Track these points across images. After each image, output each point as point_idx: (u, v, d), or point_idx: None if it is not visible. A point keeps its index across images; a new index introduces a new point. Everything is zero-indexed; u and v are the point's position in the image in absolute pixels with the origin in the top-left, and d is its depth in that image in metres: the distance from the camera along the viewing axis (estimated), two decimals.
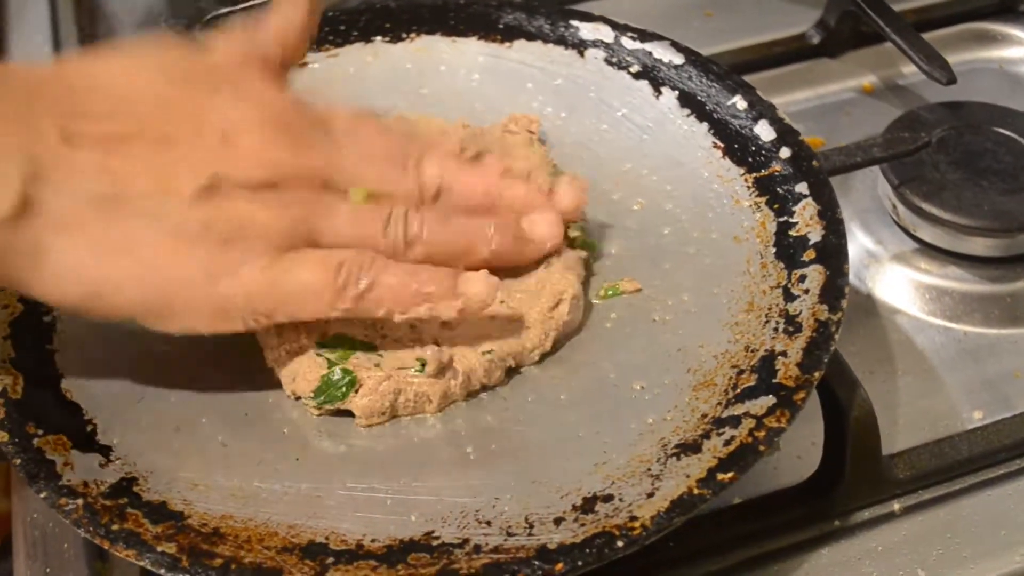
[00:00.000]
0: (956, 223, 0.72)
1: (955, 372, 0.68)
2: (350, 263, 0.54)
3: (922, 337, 0.70)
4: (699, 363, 0.58)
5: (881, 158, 0.71)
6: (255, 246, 0.53)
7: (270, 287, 0.53)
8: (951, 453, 0.62)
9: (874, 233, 0.76)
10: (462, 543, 0.51)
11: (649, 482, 0.52)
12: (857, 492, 0.60)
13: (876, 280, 0.73)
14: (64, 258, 0.51)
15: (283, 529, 0.52)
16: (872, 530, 0.60)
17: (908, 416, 0.66)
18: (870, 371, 0.67)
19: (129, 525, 0.51)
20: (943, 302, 0.72)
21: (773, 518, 0.60)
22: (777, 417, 0.53)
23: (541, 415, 0.57)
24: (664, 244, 0.64)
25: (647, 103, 0.71)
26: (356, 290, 0.54)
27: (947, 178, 0.74)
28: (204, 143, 0.54)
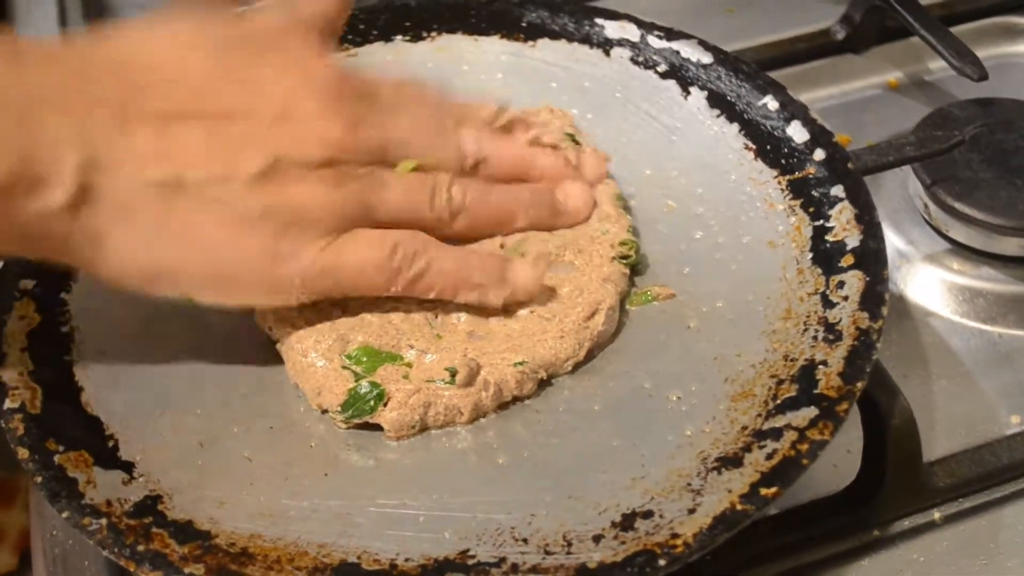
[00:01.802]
0: (990, 223, 0.71)
1: (991, 375, 0.67)
2: (405, 246, 0.55)
3: (956, 340, 0.69)
4: (737, 372, 0.56)
5: (914, 157, 0.69)
6: (313, 228, 0.53)
7: (327, 268, 0.54)
8: (991, 460, 0.61)
9: (905, 233, 0.74)
10: (499, 562, 0.49)
11: (690, 497, 0.51)
12: (897, 501, 0.58)
13: (908, 281, 0.72)
14: (125, 244, 0.51)
15: (313, 548, 0.50)
16: (913, 540, 0.59)
17: (944, 421, 0.64)
18: (904, 375, 0.66)
19: (155, 545, 0.50)
20: (977, 304, 0.71)
21: (811, 529, 0.58)
22: (820, 429, 0.51)
23: (575, 427, 0.55)
24: (696, 249, 0.63)
25: (675, 103, 0.69)
26: (409, 273, 0.55)
27: (980, 177, 0.73)
28: (259, 119, 0.53)
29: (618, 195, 0.64)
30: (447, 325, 0.58)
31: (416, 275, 0.55)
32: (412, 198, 0.56)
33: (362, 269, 0.54)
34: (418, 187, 0.57)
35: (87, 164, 0.50)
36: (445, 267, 0.56)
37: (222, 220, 0.52)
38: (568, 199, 0.61)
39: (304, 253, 0.53)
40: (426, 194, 0.57)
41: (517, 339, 0.57)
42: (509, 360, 0.56)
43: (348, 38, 0.74)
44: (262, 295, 0.54)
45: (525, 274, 0.57)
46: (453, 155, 0.58)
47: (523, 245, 0.60)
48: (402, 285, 0.55)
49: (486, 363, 0.56)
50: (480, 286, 0.56)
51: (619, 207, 0.63)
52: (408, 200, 0.56)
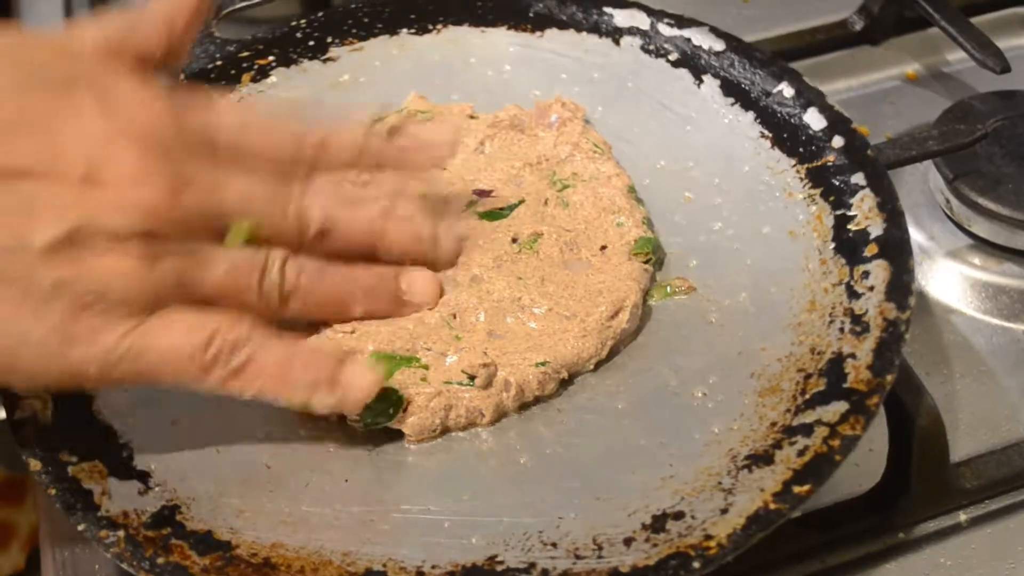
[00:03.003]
0: (1013, 218, 0.69)
1: (1015, 374, 0.65)
2: (223, 335, 0.49)
3: (979, 337, 0.67)
4: (762, 367, 0.55)
5: (937, 151, 0.68)
6: (116, 310, 0.47)
7: (130, 355, 0.48)
8: (1018, 460, 0.59)
9: (926, 228, 0.73)
10: (528, 567, 0.48)
11: (721, 497, 0.50)
12: (923, 503, 0.57)
13: (929, 278, 0.70)
14: None
15: (337, 557, 0.49)
16: (939, 543, 0.57)
17: (968, 421, 0.63)
18: (926, 373, 0.64)
19: (175, 558, 0.48)
20: (1000, 300, 0.69)
21: (836, 531, 0.57)
22: (851, 424, 0.50)
23: (599, 426, 0.54)
24: (715, 241, 0.62)
25: (688, 92, 0.68)
26: (226, 369, 0.49)
27: (1002, 171, 0.71)
28: (62, 179, 0.46)
29: (631, 187, 0.63)
30: (465, 325, 0.56)
31: (233, 371, 0.49)
32: (238, 278, 0.50)
33: (170, 358, 0.48)
34: (246, 266, 0.50)
35: None
36: (268, 364, 0.49)
37: (7, 292, 0.46)
38: (412, 286, 0.56)
39: (102, 337, 0.47)
40: (255, 275, 0.50)
41: (538, 338, 0.56)
42: (530, 360, 0.55)
43: (352, 32, 0.72)
44: (52, 379, 0.48)
45: (359, 378, 0.51)
46: (294, 224, 0.52)
47: (536, 243, 0.59)
48: (216, 380, 0.49)
49: (506, 363, 0.54)
50: (307, 387, 0.50)
51: (632, 199, 0.62)
52: (233, 280, 0.50)
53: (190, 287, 0.49)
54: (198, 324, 0.48)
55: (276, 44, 0.71)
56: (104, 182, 0.46)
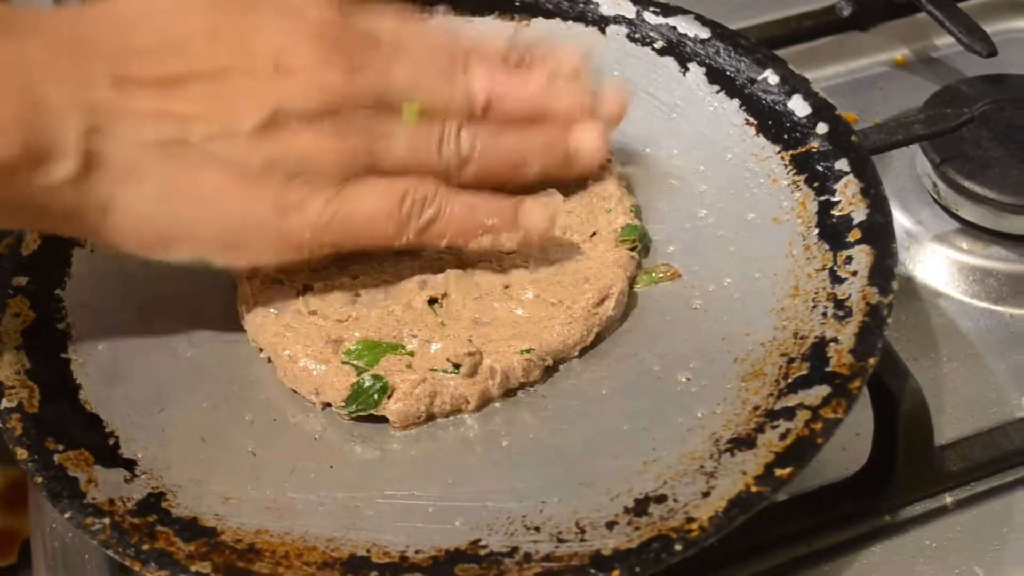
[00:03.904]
0: (1000, 201, 0.69)
1: (1002, 357, 0.66)
2: (413, 193, 0.54)
3: (966, 321, 0.68)
4: (746, 352, 0.55)
5: (923, 135, 0.68)
6: (318, 179, 0.52)
7: (336, 220, 0.53)
8: (1004, 443, 0.60)
9: (914, 213, 0.73)
10: (511, 551, 0.48)
11: (703, 480, 0.50)
12: (909, 486, 0.58)
13: (917, 262, 0.71)
14: (132, 208, 0.51)
15: (322, 542, 0.49)
16: (925, 526, 0.58)
17: (955, 404, 0.63)
18: (914, 357, 0.65)
19: (160, 544, 0.49)
20: (987, 284, 0.70)
21: (822, 514, 0.57)
22: (833, 407, 0.51)
23: (584, 412, 0.55)
24: (700, 227, 0.62)
25: (674, 80, 0.68)
26: (419, 222, 0.54)
27: (990, 155, 0.71)
28: (258, 72, 0.52)
29: (621, 174, 0.63)
30: (451, 312, 0.57)
31: (427, 222, 0.54)
32: (418, 147, 0.55)
33: (372, 218, 0.53)
34: (424, 136, 0.55)
35: (90, 131, 0.49)
36: (456, 213, 0.55)
37: (226, 176, 0.51)
38: (581, 143, 0.59)
39: (311, 204, 0.52)
40: (433, 143, 0.55)
41: (524, 325, 0.56)
42: (515, 347, 0.55)
43: None
44: (274, 251, 0.53)
45: (537, 214, 0.56)
46: (461, 97, 0.56)
47: None
48: (413, 234, 0.54)
49: (491, 350, 0.55)
50: (492, 229, 0.55)
51: (623, 187, 0.62)
52: (414, 149, 0.54)
53: (377, 159, 0.53)
54: (390, 187, 0.54)
55: None
56: (290, 71, 0.52)
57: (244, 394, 0.56)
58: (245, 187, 0.51)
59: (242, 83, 0.52)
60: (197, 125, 0.51)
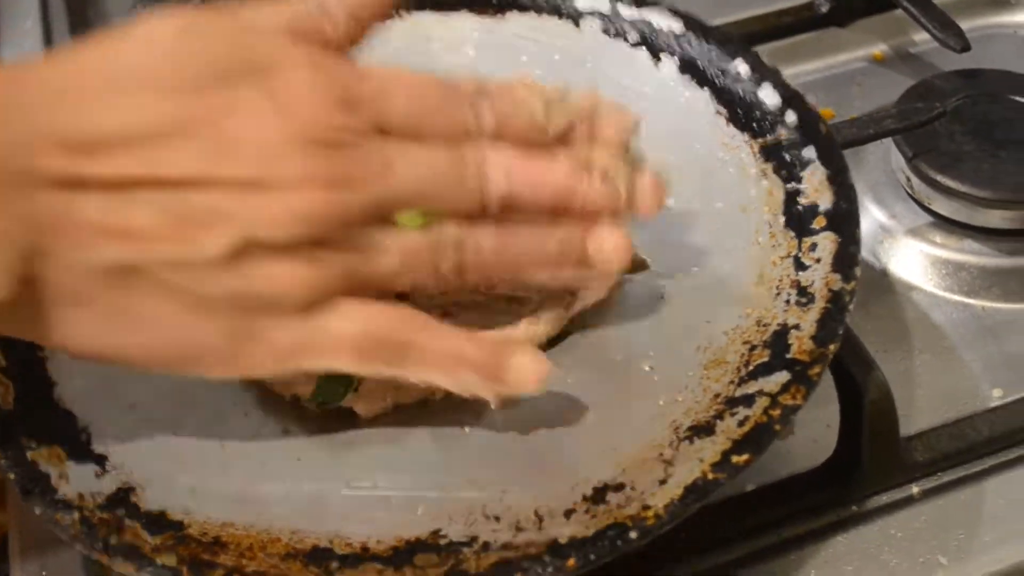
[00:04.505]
0: (973, 195, 0.69)
1: (974, 349, 0.66)
2: (395, 333, 0.48)
3: (939, 314, 0.68)
4: (709, 340, 0.56)
5: (894, 130, 0.68)
6: (284, 310, 0.46)
7: (299, 349, 0.47)
8: (971, 434, 0.60)
9: (887, 207, 0.73)
10: (470, 541, 0.49)
11: (662, 468, 0.50)
12: (874, 476, 0.58)
13: (890, 256, 0.71)
14: (75, 329, 0.46)
15: (286, 534, 0.50)
16: (891, 515, 0.58)
17: (926, 396, 0.63)
18: (885, 350, 0.65)
19: (127, 538, 0.49)
20: (960, 277, 0.70)
21: (788, 505, 0.58)
22: (792, 394, 0.51)
23: (548, 401, 0.55)
24: (668, 217, 0.62)
25: (646, 72, 0.68)
26: (390, 369, 0.49)
27: (963, 149, 0.71)
28: (229, 184, 0.44)
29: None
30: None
31: (399, 366, 0.48)
32: (412, 266, 0.48)
33: (337, 352, 0.48)
34: (420, 251, 0.47)
35: (26, 253, 0.44)
36: (434, 357, 0.48)
37: (177, 305, 0.46)
38: (600, 252, 0.50)
39: (274, 335, 0.47)
40: (430, 259, 0.48)
41: (490, 315, 0.56)
42: None
43: None
44: (228, 373, 0.49)
45: (525, 368, 0.49)
46: (473, 202, 0.48)
47: None
48: (383, 367, 0.49)
49: None
50: (472, 386, 0.49)
51: None
52: (408, 267, 0.48)
53: (362, 280, 0.47)
54: (366, 322, 0.47)
55: None
56: (269, 187, 0.44)
57: (216, 388, 0.56)
58: (197, 317, 0.46)
59: (209, 197, 0.44)
60: (153, 248, 0.44)
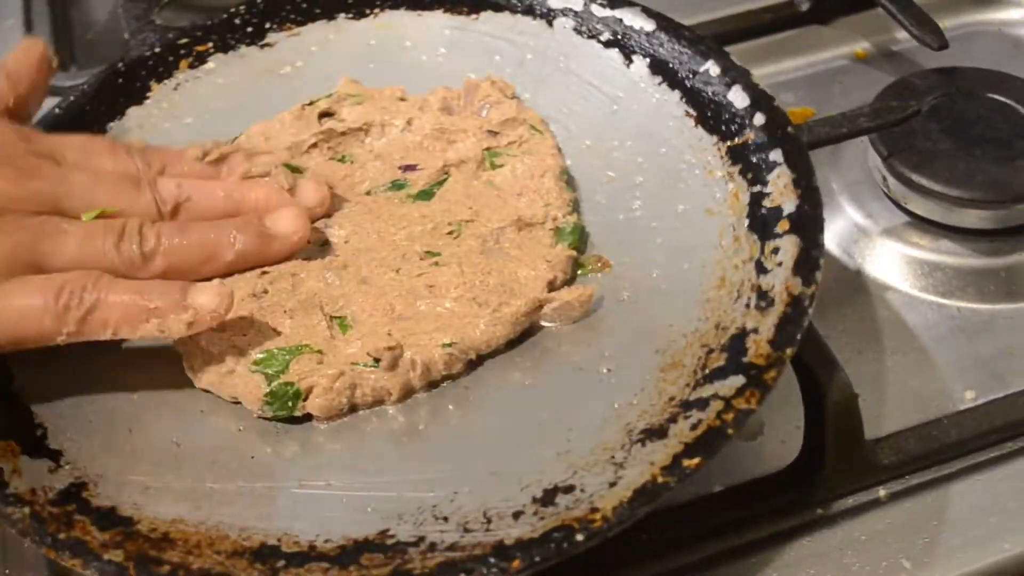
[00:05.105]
0: (948, 195, 0.69)
1: (947, 350, 0.65)
2: (72, 284, 0.52)
3: (913, 314, 0.67)
4: (668, 343, 0.56)
5: (868, 128, 0.67)
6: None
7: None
8: (939, 436, 0.59)
9: (864, 206, 0.72)
10: (417, 541, 0.49)
11: (612, 471, 0.50)
12: (839, 479, 0.57)
13: (866, 255, 0.70)
14: None
15: (235, 532, 0.50)
16: (856, 519, 0.57)
17: (897, 397, 0.63)
18: (858, 351, 0.65)
19: (76, 533, 0.49)
20: (935, 277, 0.69)
21: (751, 507, 0.57)
22: (747, 398, 0.51)
23: (504, 402, 0.55)
24: (634, 219, 0.62)
25: (618, 72, 0.68)
26: (79, 312, 0.52)
27: (939, 148, 0.71)
28: None
29: (563, 169, 0.63)
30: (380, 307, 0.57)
31: (87, 311, 0.52)
32: (92, 244, 0.53)
33: (24, 314, 0.51)
34: (100, 233, 0.54)
35: None
36: (117, 300, 0.52)
37: None
38: (277, 223, 0.58)
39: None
40: (111, 239, 0.54)
41: (447, 319, 0.56)
42: (437, 340, 0.55)
43: (291, 17, 0.73)
44: None
45: (208, 293, 0.53)
46: (146, 204, 0.56)
47: (460, 229, 0.60)
48: (73, 325, 0.52)
49: (412, 343, 0.55)
50: (158, 311, 0.52)
51: (562, 182, 0.62)
52: (88, 246, 0.53)
53: (45, 257, 0.52)
54: (49, 280, 0.52)
55: (215, 31, 0.72)
56: None
57: (173, 386, 0.56)
58: None
59: None
60: None
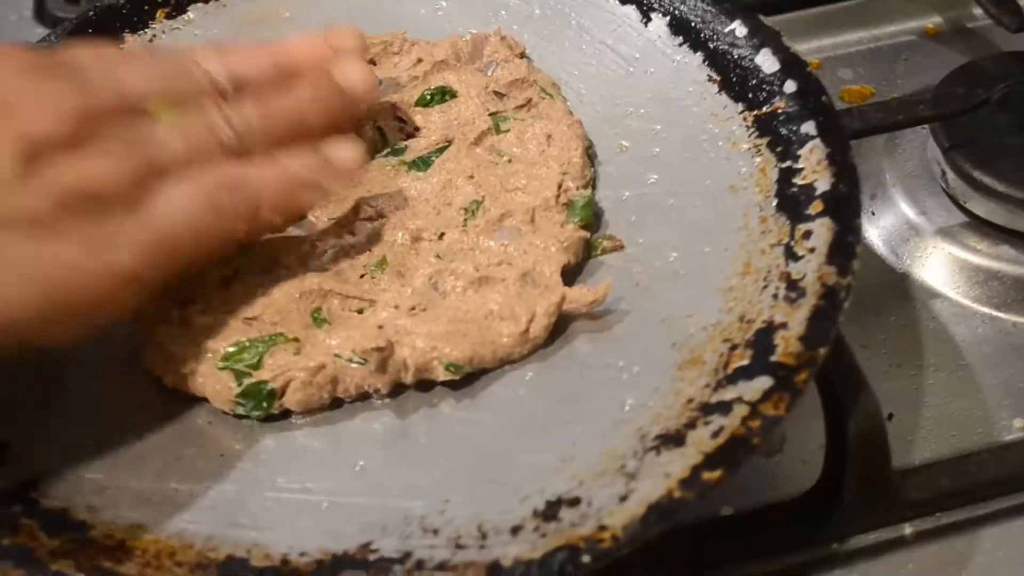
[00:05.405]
0: (1013, 196, 0.62)
1: (997, 370, 0.59)
2: (218, 179, 0.49)
3: (962, 327, 0.61)
4: (686, 336, 0.50)
5: (927, 117, 0.61)
6: (114, 204, 0.46)
7: (156, 236, 0.47)
8: (977, 472, 0.53)
9: (918, 202, 0.66)
10: (403, 557, 0.44)
11: (623, 482, 0.45)
12: (859, 513, 0.51)
13: (915, 257, 0.64)
14: None
15: (200, 541, 0.45)
16: (875, 559, 0.52)
17: (934, 421, 0.57)
18: (896, 364, 0.59)
19: (22, 538, 0.44)
20: (991, 287, 0.62)
21: (761, 537, 0.52)
22: (774, 403, 0.45)
23: (503, 399, 0.49)
24: (650, 194, 0.56)
25: (634, 31, 0.62)
26: (243, 204, 0.49)
27: (1006, 142, 0.63)
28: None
29: (584, 137, 0.57)
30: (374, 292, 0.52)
31: (251, 200, 0.49)
32: (194, 138, 0.49)
33: (193, 220, 0.48)
34: (193, 126, 0.50)
35: None
36: (269, 179, 0.50)
37: (20, 237, 0.44)
38: (349, 75, 0.54)
39: (122, 230, 0.46)
40: (204, 131, 0.50)
41: (462, 325, 0.50)
42: (442, 353, 0.49)
43: None
44: (103, 297, 0.46)
45: (344, 148, 0.52)
46: (203, 81, 0.51)
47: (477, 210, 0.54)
48: (243, 219, 0.49)
49: (409, 343, 0.49)
50: (310, 181, 0.51)
51: (586, 155, 0.57)
52: (191, 141, 0.49)
53: (160, 165, 0.48)
54: (192, 183, 0.48)
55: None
56: (13, 106, 0.46)
57: (138, 377, 0.51)
58: (46, 241, 0.44)
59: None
60: None
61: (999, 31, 0.73)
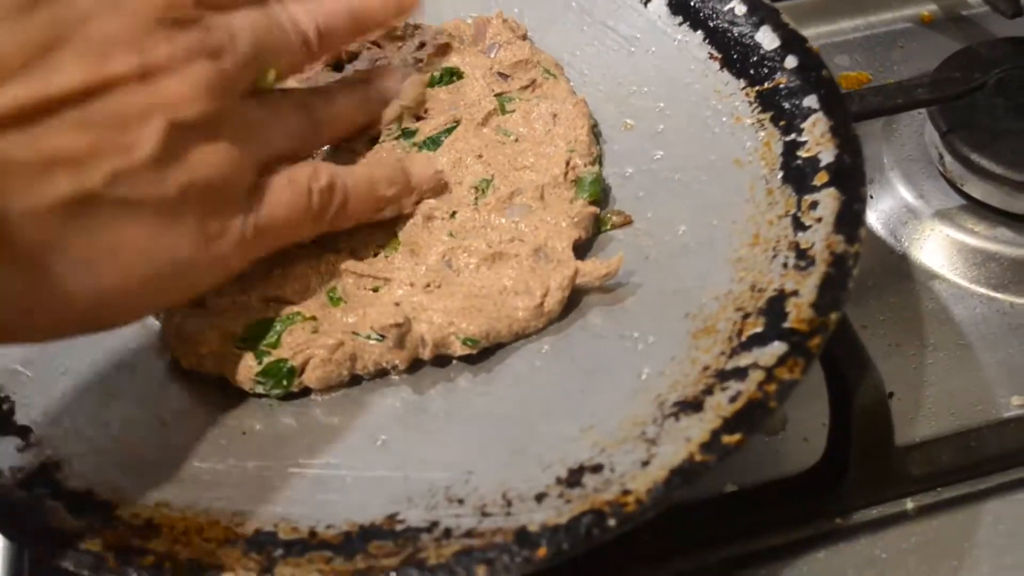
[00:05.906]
0: (1010, 178, 0.63)
1: (995, 349, 0.60)
2: (316, 182, 0.50)
3: (961, 307, 0.62)
4: (699, 306, 0.51)
5: (926, 100, 0.62)
6: (230, 196, 0.47)
7: (258, 232, 0.48)
8: (978, 447, 0.54)
9: (916, 185, 0.67)
10: (430, 527, 0.44)
11: (644, 448, 0.45)
12: (863, 488, 0.52)
13: (914, 239, 0.65)
14: (50, 295, 0.41)
15: (226, 517, 0.45)
16: (878, 533, 0.53)
17: (934, 399, 0.58)
18: (896, 344, 0.60)
19: (48, 520, 0.44)
20: (988, 268, 0.63)
21: (765, 513, 0.53)
22: (789, 367, 0.46)
23: (521, 372, 0.50)
24: (656, 170, 0.57)
25: (634, 12, 0.63)
26: (332, 209, 0.51)
27: (1003, 126, 0.65)
28: (125, 78, 0.42)
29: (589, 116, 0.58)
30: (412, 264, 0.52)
31: (338, 207, 0.50)
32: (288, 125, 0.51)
33: (289, 220, 0.49)
34: (292, 112, 0.51)
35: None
36: (359, 190, 0.52)
37: (146, 222, 0.43)
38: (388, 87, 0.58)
39: (232, 225, 0.46)
40: (309, 111, 0.52)
41: (478, 300, 0.51)
42: (459, 328, 0.50)
43: None
44: (204, 284, 0.47)
45: (422, 165, 0.55)
46: (300, 45, 0.51)
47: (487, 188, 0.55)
48: (327, 224, 0.51)
49: (427, 319, 0.50)
50: (393, 199, 0.53)
51: (592, 132, 0.57)
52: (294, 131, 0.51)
53: (268, 151, 0.49)
54: (292, 182, 0.49)
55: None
56: (157, 72, 0.44)
57: (155, 355, 0.51)
58: (167, 228, 0.44)
59: (115, 99, 0.42)
60: (94, 166, 0.41)
61: (994, 18, 0.75)
